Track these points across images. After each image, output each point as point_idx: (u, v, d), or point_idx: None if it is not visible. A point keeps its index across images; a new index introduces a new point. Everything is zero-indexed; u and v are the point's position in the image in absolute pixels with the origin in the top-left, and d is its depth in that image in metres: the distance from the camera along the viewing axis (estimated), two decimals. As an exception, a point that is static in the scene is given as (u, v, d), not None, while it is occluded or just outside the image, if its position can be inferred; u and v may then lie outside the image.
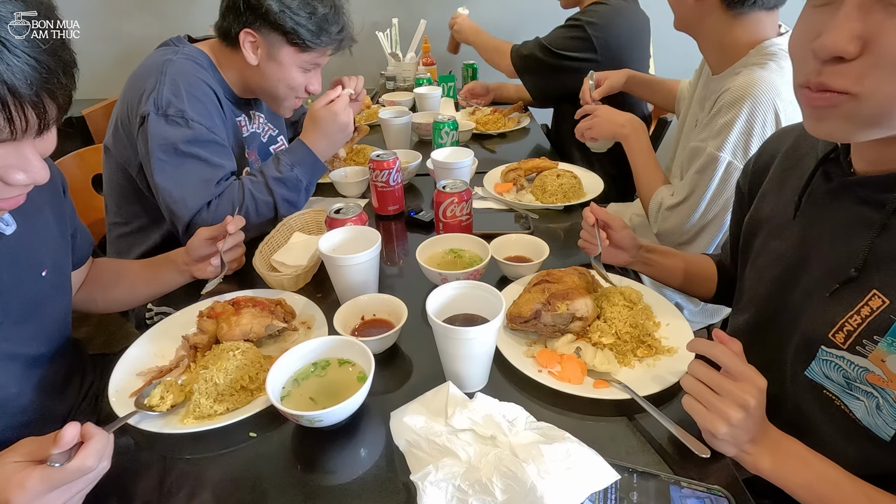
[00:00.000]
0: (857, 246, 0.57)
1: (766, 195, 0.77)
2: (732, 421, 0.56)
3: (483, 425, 0.61)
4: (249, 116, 1.25)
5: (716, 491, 0.56)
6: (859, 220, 0.58)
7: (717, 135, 1.00)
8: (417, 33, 2.25)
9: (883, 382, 0.54)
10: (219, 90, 1.11)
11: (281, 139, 1.36)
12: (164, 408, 0.67)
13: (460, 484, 0.55)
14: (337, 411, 0.62)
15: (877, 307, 0.54)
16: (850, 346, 0.57)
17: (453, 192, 1.00)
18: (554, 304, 0.76)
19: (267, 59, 1.09)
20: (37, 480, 0.50)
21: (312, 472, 0.63)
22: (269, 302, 0.83)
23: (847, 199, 0.61)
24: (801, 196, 0.67)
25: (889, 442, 0.55)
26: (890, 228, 0.55)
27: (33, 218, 0.77)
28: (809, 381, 0.62)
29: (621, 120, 1.28)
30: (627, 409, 0.69)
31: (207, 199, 1.02)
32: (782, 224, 0.71)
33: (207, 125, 1.03)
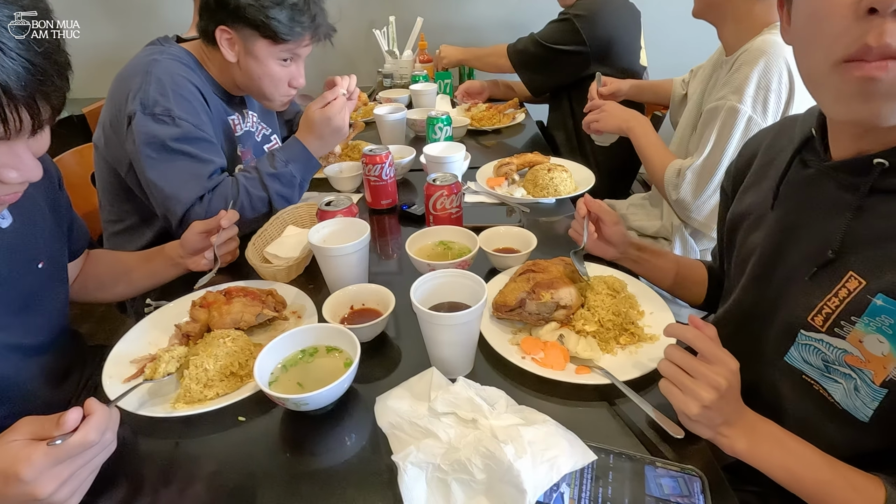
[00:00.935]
0: (835, 229, 0.58)
1: (747, 191, 0.78)
2: (705, 402, 0.57)
3: (464, 408, 0.63)
4: (242, 115, 1.26)
5: (689, 471, 0.57)
6: (836, 204, 0.59)
7: (737, 90, 1.03)
8: (414, 31, 2.27)
9: (861, 363, 0.56)
10: (206, 88, 1.13)
11: (274, 138, 1.37)
12: (158, 376, 0.69)
13: (440, 464, 0.57)
14: (322, 395, 0.63)
15: (854, 288, 0.56)
16: (828, 329, 0.58)
17: (443, 185, 1.01)
18: (538, 293, 0.78)
19: (245, 55, 1.10)
20: (41, 455, 0.51)
21: (300, 456, 0.65)
22: (260, 292, 0.84)
23: (824, 184, 0.62)
24: (779, 185, 0.68)
25: (867, 423, 0.57)
26: (865, 210, 0.57)
27: (29, 211, 0.79)
28: (789, 366, 0.63)
29: (626, 115, 1.32)
30: (608, 395, 0.70)
31: (200, 194, 1.03)
32: (761, 215, 0.72)
33: (195, 123, 1.05)
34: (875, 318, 0.54)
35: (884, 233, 0.55)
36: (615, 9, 1.74)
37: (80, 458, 0.54)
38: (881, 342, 0.54)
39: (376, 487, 0.59)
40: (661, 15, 2.28)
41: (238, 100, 1.25)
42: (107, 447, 0.58)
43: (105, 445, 0.57)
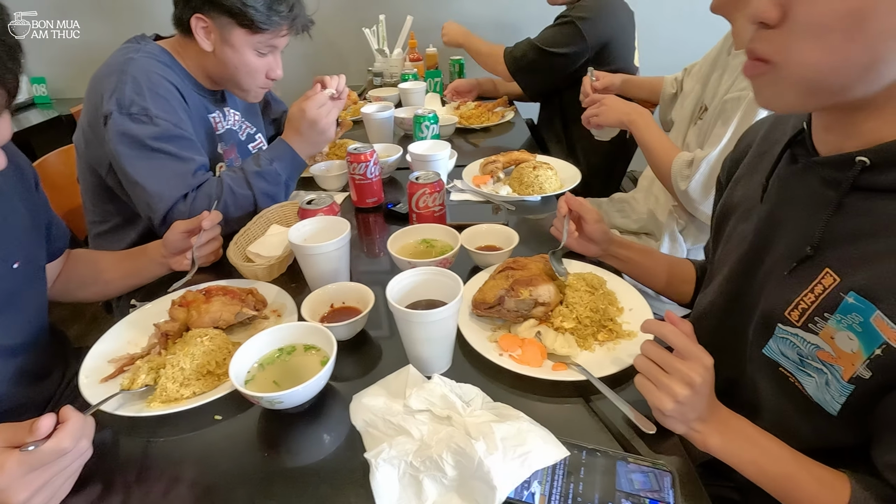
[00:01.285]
0: (815, 225, 0.58)
1: (739, 181, 0.78)
2: (678, 397, 0.57)
3: (439, 406, 0.63)
4: (224, 113, 1.25)
5: (661, 466, 0.57)
6: (818, 200, 0.60)
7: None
8: (404, 30, 2.26)
9: (832, 359, 0.56)
10: (184, 85, 1.12)
11: (259, 137, 1.37)
12: (136, 387, 0.69)
13: (412, 461, 0.57)
14: (296, 393, 0.63)
15: (829, 285, 0.56)
16: (803, 324, 0.58)
17: (425, 184, 1.02)
18: (517, 290, 0.78)
19: (221, 43, 1.09)
20: (14, 463, 0.51)
21: (276, 454, 0.65)
22: (240, 291, 0.84)
23: (810, 179, 0.62)
24: (769, 178, 0.68)
25: (836, 416, 0.57)
26: (844, 207, 0.57)
27: (3, 212, 0.79)
28: (766, 358, 0.64)
29: (627, 108, 1.30)
30: (585, 391, 0.70)
31: (183, 192, 1.03)
32: (750, 207, 0.72)
33: (173, 121, 1.04)
34: (846, 316, 0.54)
35: (860, 230, 0.55)
36: (615, 10, 1.74)
37: (54, 465, 0.54)
38: (851, 339, 0.54)
39: (350, 485, 0.59)
40: (654, 14, 2.29)
41: (219, 97, 1.25)
42: (82, 454, 0.58)
43: (80, 453, 0.57)
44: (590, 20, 1.66)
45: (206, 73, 1.17)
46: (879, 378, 0.52)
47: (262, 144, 1.37)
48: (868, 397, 0.54)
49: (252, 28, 1.07)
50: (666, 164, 1.22)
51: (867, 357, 0.53)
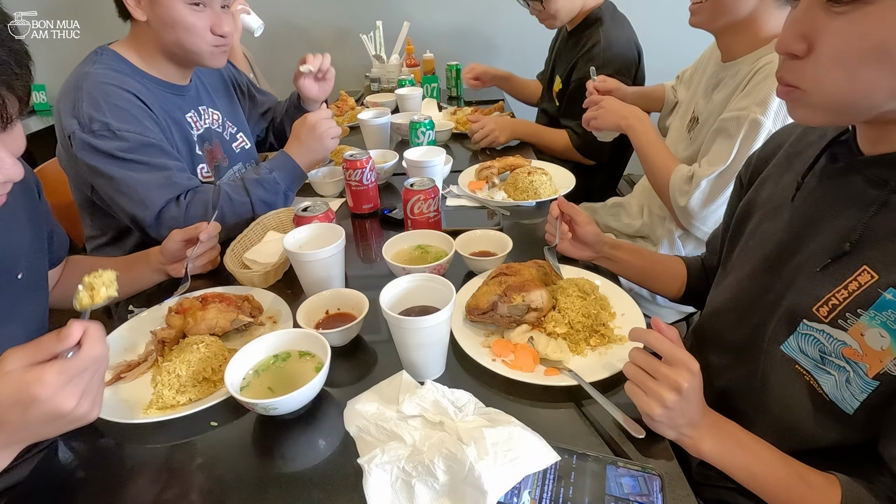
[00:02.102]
0: (856, 222, 0.59)
1: (766, 180, 0.78)
2: (667, 403, 0.58)
3: (432, 411, 0.64)
4: (199, 112, 1.24)
5: (650, 470, 0.58)
6: (861, 198, 0.60)
7: (761, 102, 1.00)
8: (401, 35, 2.28)
9: (858, 356, 0.56)
10: (148, 89, 1.10)
11: (241, 137, 1.36)
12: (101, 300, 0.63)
13: (404, 466, 0.57)
14: (291, 399, 0.64)
15: (865, 282, 0.57)
16: (832, 320, 0.59)
17: (420, 190, 1.02)
18: (510, 295, 0.79)
19: (150, 7, 1.05)
20: (55, 373, 0.50)
21: (270, 460, 0.66)
22: (236, 298, 0.85)
23: (852, 178, 0.62)
24: (804, 177, 0.69)
25: (851, 415, 0.58)
26: (889, 206, 0.57)
27: (7, 222, 0.80)
28: (784, 355, 0.64)
29: (625, 112, 1.28)
30: (576, 396, 0.71)
31: (168, 197, 1.03)
32: (779, 205, 0.72)
33: (136, 130, 1.02)
34: (881, 312, 0.55)
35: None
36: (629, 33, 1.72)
37: (90, 369, 0.54)
38: (882, 336, 0.55)
39: (343, 490, 0.60)
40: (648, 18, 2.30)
41: (194, 94, 1.23)
42: (106, 358, 0.56)
43: (106, 356, 0.56)
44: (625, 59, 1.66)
45: (166, 58, 1.13)
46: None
47: (245, 144, 1.36)
48: (889, 395, 0.55)
49: None
50: (663, 174, 1.20)
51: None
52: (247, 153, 1.38)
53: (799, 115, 0.59)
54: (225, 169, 1.30)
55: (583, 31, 1.75)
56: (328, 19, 2.59)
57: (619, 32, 1.69)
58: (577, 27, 1.78)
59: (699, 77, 1.31)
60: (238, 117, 1.38)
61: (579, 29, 1.77)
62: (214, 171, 1.26)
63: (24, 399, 0.50)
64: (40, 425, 0.52)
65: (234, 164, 1.34)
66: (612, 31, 1.67)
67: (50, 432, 0.54)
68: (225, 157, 1.29)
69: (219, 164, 1.28)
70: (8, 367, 0.51)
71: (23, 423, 0.51)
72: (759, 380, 0.68)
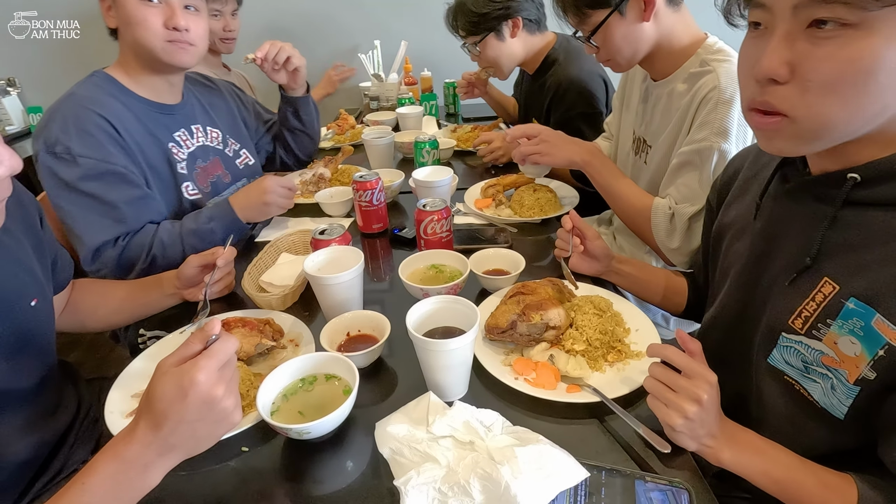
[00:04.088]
0: (812, 237, 0.63)
1: (731, 204, 0.83)
2: (688, 414, 0.61)
3: (462, 431, 0.65)
4: (191, 131, 1.23)
5: (677, 484, 0.60)
6: (814, 215, 0.64)
7: (721, 132, 1.00)
8: (399, 55, 2.32)
9: (836, 363, 0.60)
10: (134, 111, 1.10)
11: (244, 153, 1.37)
12: None
13: (440, 487, 0.59)
14: (324, 423, 0.65)
15: (829, 293, 0.60)
16: (807, 332, 0.62)
17: (433, 211, 1.05)
18: (528, 314, 0.81)
19: (116, 11, 1.07)
20: (206, 357, 0.54)
21: (302, 483, 0.67)
22: (257, 322, 0.86)
23: (803, 196, 0.66)
24: (762, 198, 0.73)
25: (843, 420, 0.60)
26: (839, 220, 0.61)
27: (17, 253, 0.79)
28: (772, 367, 0.67)
29: (578, 148, 1.21)
30: (598, 412, 0.73)
31: (104, 238, 1.03)
32: (744, 226, 0.77)
33: (98, 157, 1.02)
34: (847, 321, 0.58)
35: (856, 241, 0.59)
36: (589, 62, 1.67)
37: (231, 363, 0.57)
38: (853, 343, 0.58)
39: (379, 512, 0.61)
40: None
41: (187, 114, 1.23)
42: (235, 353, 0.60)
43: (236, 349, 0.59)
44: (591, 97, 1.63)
45: (145, 70, 1.13)
46: (884, 378, 0.56)
47: (249, 161, 1.38)
48: (874, 398, 0.58)
49: None
50: (638, 211, 1.16)
51: (871, 359, 0.56)
52: (251, 169, 1.39)
53: (777, 146, 0.60)
54: (226, 185, 1.31)
55: (543, 75, 1.75)
56: (327, 39, 2.63)
57: (580, 67, 1.66)
58: (537, 71, 1.79)
59: (628, 97, 1.33)
60: (241, 134, 1.39)
61: (539, 73, 1.78)
62: (211, 186, 1.26)
63: (185, 385, 0.53)
64: (196, 419, 0.54)
65: (238, 179, 1.35)
66: (571, 69, 1.65)
67: (203, 433, 0.56)
68: (227, 173, 1.30)
69: (217, 180, 1.28)
70: (164, 369, 0.55)
71: (182, 416, 0.54)
72: (754, 393, 0.71)
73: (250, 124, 1.47)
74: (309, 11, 2.55)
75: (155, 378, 0.55)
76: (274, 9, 2.54)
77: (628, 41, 1.09)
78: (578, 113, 1.64)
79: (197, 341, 0.56)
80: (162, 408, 0.54)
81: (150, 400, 0.55)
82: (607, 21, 1.07)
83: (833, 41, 0.50)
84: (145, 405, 0.55)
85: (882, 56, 0.49)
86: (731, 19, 0.63)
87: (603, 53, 1.14)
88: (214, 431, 0.57)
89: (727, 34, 0.73)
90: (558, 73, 1.68)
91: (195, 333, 0.57)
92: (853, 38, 0.50)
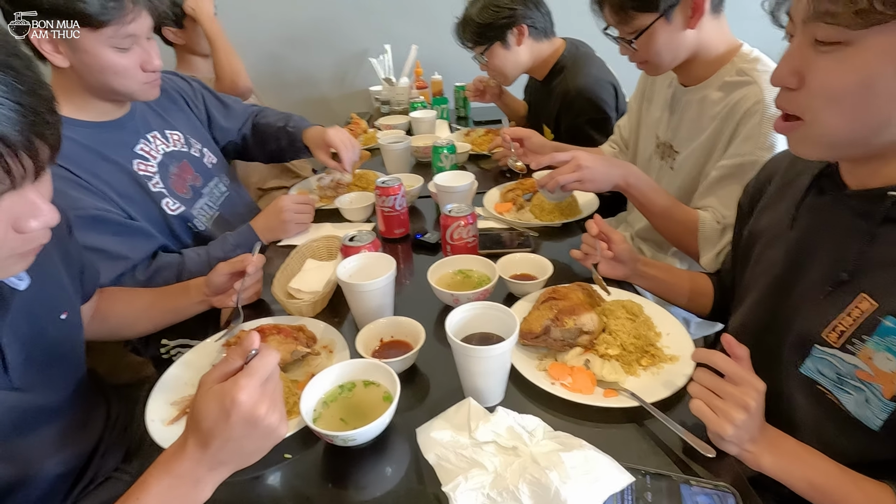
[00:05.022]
0: (849, 252, 0.63)
1: (765, 210, 0.83)
2: (736, 422, 0.61)
3: (505, 437, 0.66)
4: (148, 140, 1.16)
5: (722, 487, 0.61)
6: (851, 230, 0.64)
7: (766, 147, 0.98)
8: (409, 58, 2.33)
9: (870, 378, 0.60)
10: (76, 145, 1.01)
11: (206, 152, 1.31)
12: None
13: (489, 492, 0.59)
14: (369, 430, 0.66)
15: (866, 309, 0.60)
16: (842, 346, 0.62)
17: (459, 216, 1.05)
18: (562, 319, 0.82)
19: (73, 53, 0.97)
20: (246, 376, 0.54)
21: (345, 489, 0.67)
22: (291, 328, 0.87)
23: (840, 210, 0.67)
24: (798, 208, 0.73)
25: (878, 431, 0.61)
26: (877, 237, 0.62)
27: (45, 266, 0.78)
28: (804, 377, 0.67)
29: (617, 170, 1.11)
30: (636, 416, 0.74)
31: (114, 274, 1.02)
32: (778, 234, 0.77)
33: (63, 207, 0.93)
34: (884, 338, 0.58)
35: (894, 259, 0.60)
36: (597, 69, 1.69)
37: (273, 377, 0.57)
38: (889, 360, 0.58)
39: (427, 518, 0.62)
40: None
41: (138, 123, 1.16)
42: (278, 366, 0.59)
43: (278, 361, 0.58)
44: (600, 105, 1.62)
45: (96, 97, 1.05)
46: None
47: (213, 159, 1.33)
48: None
49: (93, 24, 0.94)
50: (681, 225, 1.11)
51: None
52: (217, 167, 1.34)
53: (801, 150, 0.64)
54: (200, 188, 1.26)
55: (551, 82, 1.75)
56: (337, 43, 2.64)
57: (588, 74, 1.66)
58: (546, 78, 1.79)
59: (648, 100, 1.32)
60: (198, 132, 1.33)
61: (548, 79, 1.78)
62: (192, 191, 1.22)
63: (227, 405, 0.53)
64: (242, 437, 0.54)
65: (210, 179, 1.30)
66: (578, 77, 1.65)
67: (251, 449, 0.56)
68: (197, 175, 1.25)
69: (192, 183, 1.24)
70: (206, 388, 0.55)
71: (228, 435, 0.54)
72: (784, 401, 0.71)
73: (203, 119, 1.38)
74: (319, 16, 2.56)
75: (199, 395, 0.56)
76: (284, 13, 2.55)
77: (670, 47, 1.08)
78: (588, 119, 1.66)
79: (237, 356, 0.56)
80: (207, 426, 0.54)
81: (195, 418, 0.55)
82: (652, 26, 1.05)
83: (831, 55, 0.55)
84: (192, 422, 0.56)
85: (875, 71, 0.53)
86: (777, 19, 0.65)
87: (640, 56, 1.12)
88: (262, 446, 0.58)
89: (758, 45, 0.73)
90: (566, 80, 1.69)
91: (234, 348, 0.57)
92: (849, 54, 0.54)
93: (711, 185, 1.09)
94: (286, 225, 1.23)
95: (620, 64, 1.37)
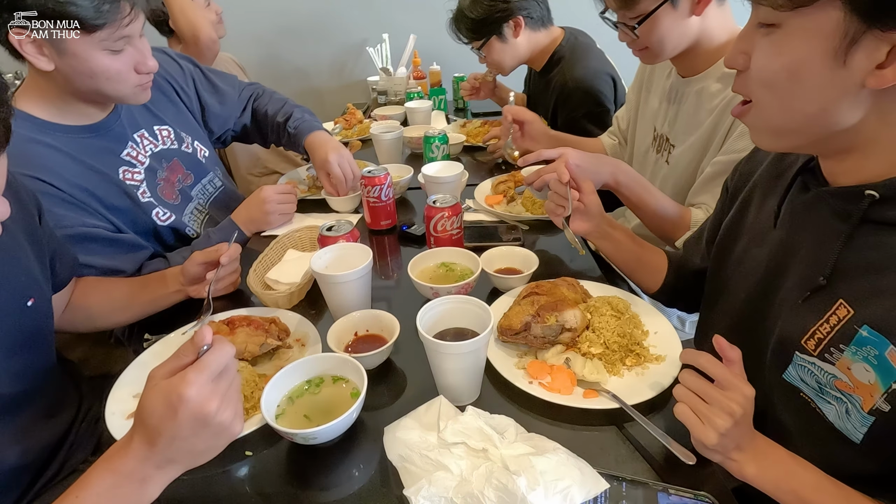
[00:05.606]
0: (827, 255, 0.59)
1: (750, 203, 0.78)
2: (721, 429, 0.57)
3: (475, 438, 0.62)
4: (136, 140, 1.10)
5: (702, 497, 0.57)
6: (829, 231, 0.60)
7: None
8: (407, 48, 2.28)
9: (850, 389, 0.56)
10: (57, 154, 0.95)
11: (198, 145, 1.27)
12: None
13: (453, 497, 0.56)
14: (330, 428, 0.63)
15: (843, 316, 0.56)
16: (819, 354, 0.58)
17: (444, 207, 1.02)
18: (543, 315, 0.78)
19: (60, 57, 0.88)
20: (195, 371, 0.51)
21: (308, 489, 0.64)
22: (263, 320, 0.84)
23: (821, 209, 0.62)
24: (780, 205, 0.69)
25: (859, 444, 0.57)
26: (855, 239, 0.57)
27: (13, 249, 0.77)
28: (787, 384, 0.63)
29: (610, 168, 1.06)
30: (617, 418, 0.70)
31: None
32: (763, 231, 0.72)
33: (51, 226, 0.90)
34: (861, 348, 0.54)
35: (872, 263, 0.55)
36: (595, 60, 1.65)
37: (227, 372, 0.54)
38: (867, 371, 0.54)
39: (388, 522, 0.59)
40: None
41: (125, 124, 1.09)
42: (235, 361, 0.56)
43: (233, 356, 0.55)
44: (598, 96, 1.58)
45: (81, 101, 0.98)
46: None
47: (205, 152, 1.28)
48: (890, 427, 0.54)
49: (86, 28, 0.86)
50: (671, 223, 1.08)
51: (884, 391, 0.52)
52: (210, 160, 1.30)
53: (754, 137, 0.63)
54: (190, 188, 1.22)
55: (549, 73, 1.73)
56: (335, 32, 2.60)
57: (585, 66, 1.62)
58: (543, 68, 1.76)
59: (647, 90, 1.28)
60: (190, 125, 1.27)
61: (546, 70, 1.75)
62: (181, 196, 1.18)
63: (174, 401, 0.50)
64: (191, 435, 0.51)
65: (202, 176, 1.26)
66: (576, 69, 1.61)
67: (202, 448, 0.53)
68: (189, 173, 1.21)
69: (182, 185, 1.19)
70: (154, 382, 0.52)
71: (175, 433, 0.51)
72: (771, 407, 0.67)
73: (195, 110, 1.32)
74: (317, 6, 2.52)
75: (146, 390, 0.52)
76: (282, 3, 2.51)
77: (673, 34, 1.03)
78: (585, 113, 1.61)
79: (189, 351, 0.53)
80: (153, 423, 0.51)
81: (142, 414, 0.52)
82: (657, 11, 1.00)
83: (768, 38, 0.54)
84: (138, 418, 0.53)
85: (800, 56, 0.52)
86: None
87: (640, 42, 1.07)
88: (215, 444, 0.54)
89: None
90: (563, 72, 1.65)
91: (187, 343, 0.54)
92: (779, 37, 0.53)
93: (705, 181, 1.05)
94: (269, 217, 1.21)
95: (621, 54, 1.33)
